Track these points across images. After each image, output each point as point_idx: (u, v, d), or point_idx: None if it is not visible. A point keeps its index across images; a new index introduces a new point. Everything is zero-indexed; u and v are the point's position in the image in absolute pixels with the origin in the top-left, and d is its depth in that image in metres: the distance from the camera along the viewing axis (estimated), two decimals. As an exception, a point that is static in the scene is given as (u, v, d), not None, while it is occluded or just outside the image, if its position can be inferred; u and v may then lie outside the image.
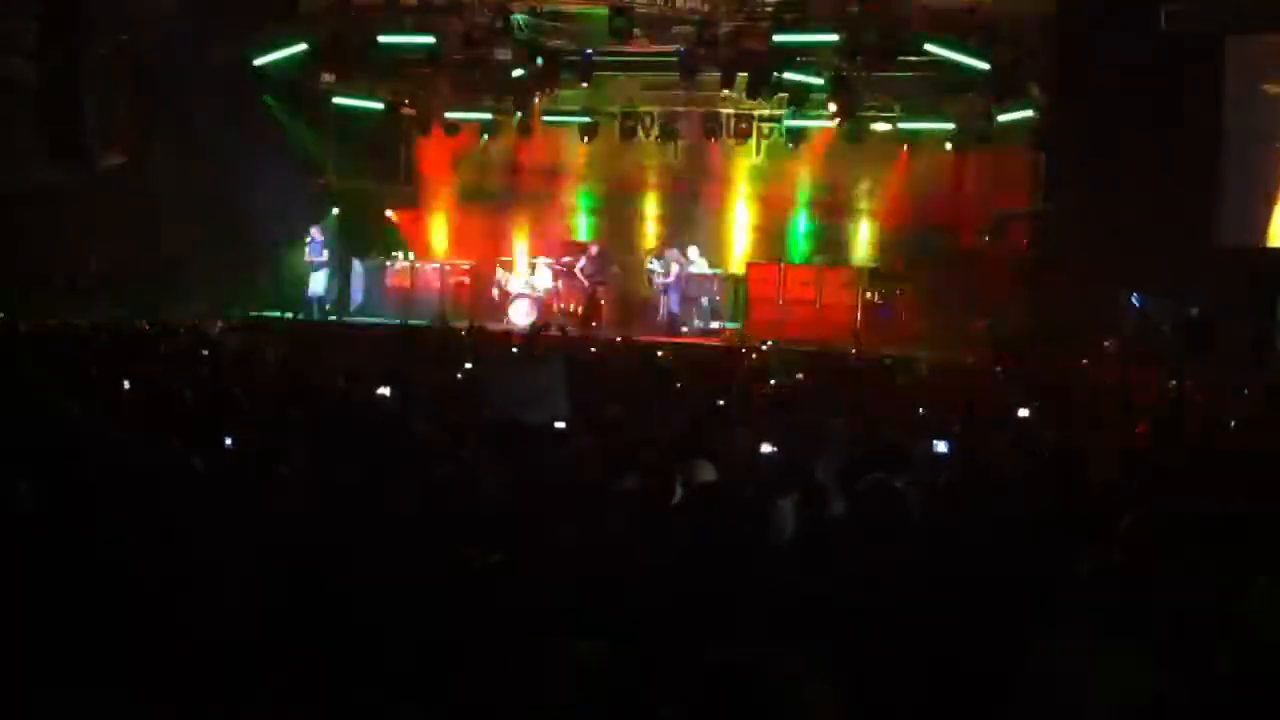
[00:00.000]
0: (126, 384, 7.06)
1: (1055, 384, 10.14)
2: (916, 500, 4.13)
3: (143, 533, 3.50)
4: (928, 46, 15.14)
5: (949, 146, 18.15)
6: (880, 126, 18.10)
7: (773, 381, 9.73)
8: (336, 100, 18.76)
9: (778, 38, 15.43)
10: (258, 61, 16.72)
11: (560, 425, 6.35)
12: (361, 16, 16.30)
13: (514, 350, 11.58)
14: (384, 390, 7.55)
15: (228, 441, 5.20)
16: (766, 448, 5.69)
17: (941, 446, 5.89)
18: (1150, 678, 2.71)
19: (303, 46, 16.57)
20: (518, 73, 17.32)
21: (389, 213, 19.99)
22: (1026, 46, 15.17)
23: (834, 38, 15.21)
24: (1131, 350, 12.84)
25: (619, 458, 5.17)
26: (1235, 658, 2.94)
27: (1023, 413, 7.75)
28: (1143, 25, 13.68)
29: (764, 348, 12.45)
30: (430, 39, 16.26)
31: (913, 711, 2.88)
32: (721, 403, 8.13)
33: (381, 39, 16.25)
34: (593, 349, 12.42)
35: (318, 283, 17.95)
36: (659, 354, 12.44)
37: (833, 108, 17.25)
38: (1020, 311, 15.91)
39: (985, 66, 15.25)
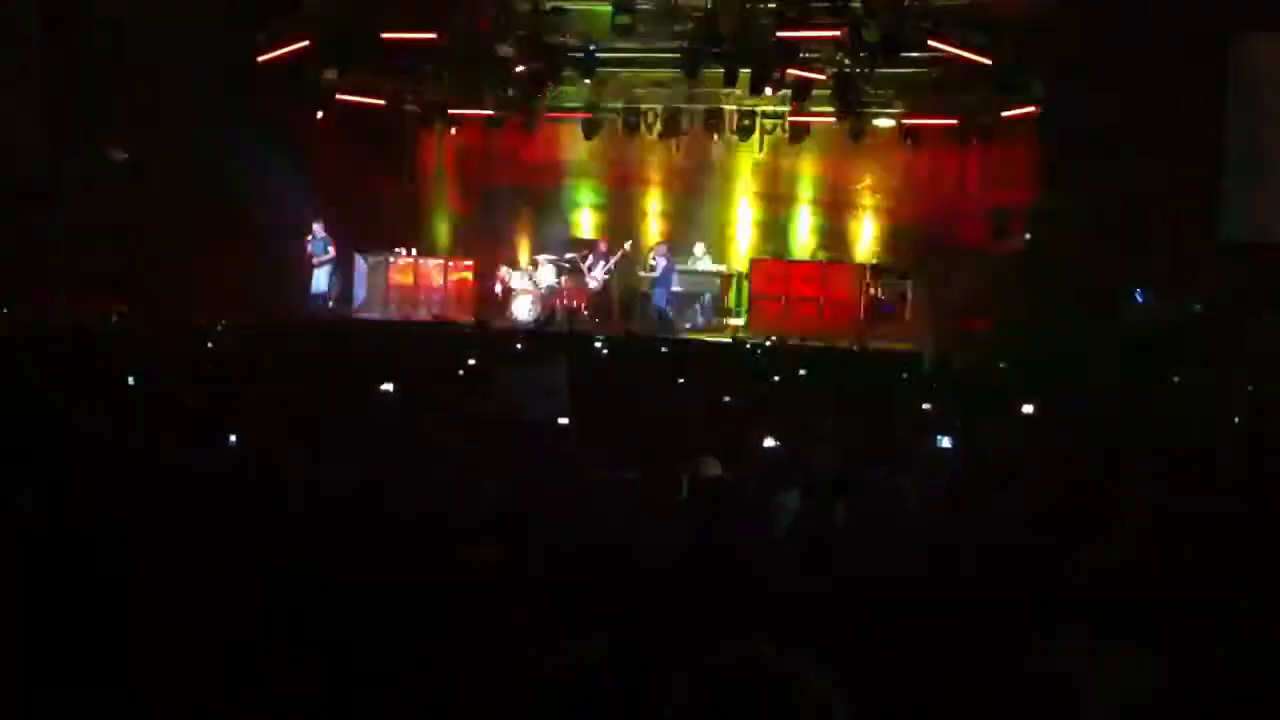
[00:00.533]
0: (127, 383, 7.06)
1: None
2: (917, 499, 4.12)
3: (143, 533, 3.50)
4: (930, 42, 15.12)
5: (952, 142, 18.13)
6: (883, 122, 18.08)
7: (775, 378, 9.72)
8: (339, 96, 18.74)
9: (780, 34, 15.41)
10: (260, 57, 16.71)
11: (563, 422, 6.35)
12: (364, 12, 16.29)
13: (518, 347, 11.57)
14: (386, 386, 7.55)
15: (230, 439, 5.21)
16: (769, 442, 5.69)
17: (945, 442, 5.88)
18: (1150, 678, 2.70)
19: (305, 42, 16.56)
20: (520, 69, 17.30)
21: (392, 209, 19.97)
22: (1029, 41, 15.14)
23: (836, 34, 15.18)
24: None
25: (621, 455, 5.16)
26: (1235, 658, 2.93)
27: (1026, 409, 7.72)
28: (1145, 19, 13.63)
29: (767, 344, 12.43)
30: (433, 35, 16.24)
31: (912, 711, 2.88)
32: (726, 399, 8.12)
33: (384, 35, 16.24)
34: (597, 344, 12.41)
35: (320, 280, 17.94)
36: (663, 351, 12.44)
37: (836, 104, 17.24)
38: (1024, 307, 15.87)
39: (988, 61, 15.23)
